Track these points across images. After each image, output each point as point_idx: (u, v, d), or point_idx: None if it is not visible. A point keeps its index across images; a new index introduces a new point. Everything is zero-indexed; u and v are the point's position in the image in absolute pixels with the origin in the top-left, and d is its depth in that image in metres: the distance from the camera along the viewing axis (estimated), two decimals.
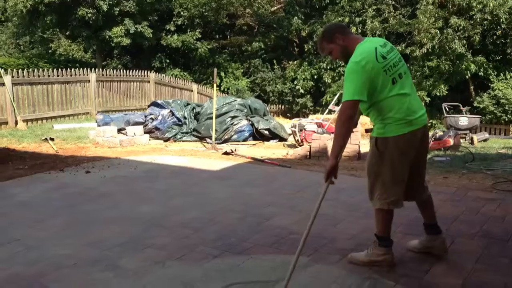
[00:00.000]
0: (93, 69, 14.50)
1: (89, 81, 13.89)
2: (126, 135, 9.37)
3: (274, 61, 21.95)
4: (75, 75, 13.54)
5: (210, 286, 2.94)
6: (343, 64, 18.55)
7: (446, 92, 16.93)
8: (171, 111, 10.44)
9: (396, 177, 3.08)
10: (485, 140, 11.60)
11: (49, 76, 12.65)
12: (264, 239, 3.79)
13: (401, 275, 3.08)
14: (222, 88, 20.96)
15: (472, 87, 18.60)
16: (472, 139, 9.64)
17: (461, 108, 13.56)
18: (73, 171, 6.55)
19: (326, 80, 19.09)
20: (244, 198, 5.06)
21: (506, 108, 16.49)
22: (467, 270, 3.08)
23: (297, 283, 2.97)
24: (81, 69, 13.92)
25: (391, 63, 2.99)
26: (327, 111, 11.68)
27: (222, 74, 21.29)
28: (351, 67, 2.96)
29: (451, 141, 9.08)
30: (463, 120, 12.08)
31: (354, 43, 3.07)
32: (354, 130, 7.95)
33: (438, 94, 16.88)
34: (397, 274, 3.10)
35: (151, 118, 10.40)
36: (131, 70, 15.91)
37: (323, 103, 18.46)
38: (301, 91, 19.85)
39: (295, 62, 20.98)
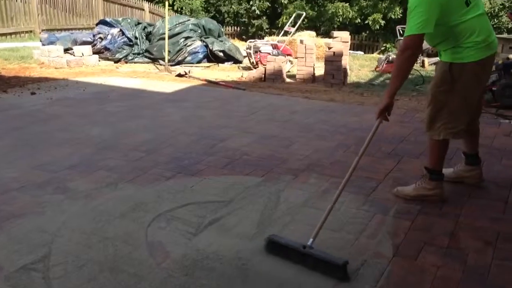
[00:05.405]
0: None
1: None
2: (74, 55, 8.93)
3: None
4: None
5: (163, 207, 2.95)
6: None
7: (401, 14, 16.90)
8: (121, 30, 9.96)
9: (467, 105, 2.90)
10: (435, 64, 11.85)
11: None
12: (217, 160, 3.81)
13: (350, 192, 3.19)
14: (175, 8, 20.05)
15: None
16: (423, 62, 9.78)
17: None
18: (17, 92, 6.24)
19: (282, 1, 18.57)
20: (197, 121, 5.02)
21: None
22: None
23: (251, 202, 3.04)
24: None
25: None
26: (282, 32, 11.47)
27: None
28: None
29: None
30: None
31: None
32: (309, 52, 7.89)
33: (393, 16, 16.84)
34: (346, 192, 3.20)
35: (100, 38, 9.91)
36: None
37: (279, 25, 18.08)
38: (257, 12, 19.31)
39: None
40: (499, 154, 4.01)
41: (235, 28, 20.44)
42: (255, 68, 8.90)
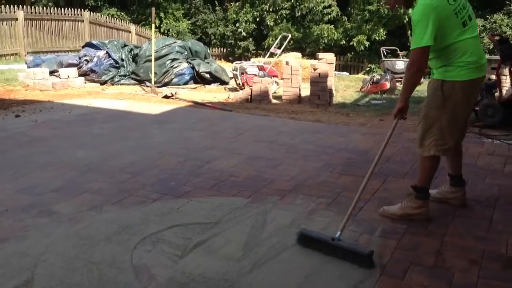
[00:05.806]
0: (20, 6, 13.50)
1: (16, 19, 12.96)
2: (59, 77, 8.89)
3: (216, 2, 21.33)
4: (1, 12, 12.57)
5: (149, 229, 2.93)
6: (286, 6, 18.08)
7: (385, 36, 17.23)
8: (107, 52, 9.98)
9: (456, 122, 2.99)
10: (419, 84, 12.06)
11: None
12: (204, 182, 3.80)
13: (336, 212, 3.20)
14: (162, 30, 20.21)
15: (409, 32, 19.00)
16: None
17: (398, 52, 13.85)
18: (1, 115, 6.19)
19: (268, 23, 18.85)
20: (184, 142, 5.02)
21: None
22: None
23: (238, 223, 3.02)
24: (7, 6, 12.92)
25: (461, 5, 2.85)
26: (268, 54, 11.59)
27: (162, 14, 20.46)
28: (421, 10, 2.79)
29: (387, 85, 9.33)
30: (400, 64, 12.33)
31: None
32: (294, 73, 7.96)
33: (377, 38, 17.15)
34: (332, 212, 3.21)
35: (86, 60, 9.90)
36: (63, 8, 14.96)
37: (265, 46, 18.30)
38: (243, 34, 19.54)
39: (237, 3, 20.47)
40: (483, 173, 4.06)
41: (222, 49, 20.62)
42: (242, 89, 8.96)
